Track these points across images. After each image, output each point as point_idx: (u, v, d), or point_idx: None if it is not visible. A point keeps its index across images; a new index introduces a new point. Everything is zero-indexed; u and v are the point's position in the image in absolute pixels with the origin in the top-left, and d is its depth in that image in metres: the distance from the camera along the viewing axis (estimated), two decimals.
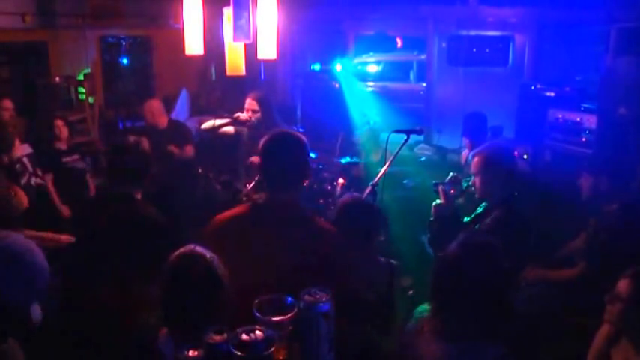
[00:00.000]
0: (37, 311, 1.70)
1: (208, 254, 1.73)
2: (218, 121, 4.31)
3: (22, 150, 4.28)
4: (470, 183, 3.00)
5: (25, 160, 4.23)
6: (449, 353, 1.66)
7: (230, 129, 4.29)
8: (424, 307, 1.88)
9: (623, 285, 2.11)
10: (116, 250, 2.39)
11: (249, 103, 4.10)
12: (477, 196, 2.95)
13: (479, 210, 2.99)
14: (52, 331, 2.12)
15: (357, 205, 2.76)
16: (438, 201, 2.98)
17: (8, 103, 5.10)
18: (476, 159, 2.89)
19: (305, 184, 2.07)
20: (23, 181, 4.10)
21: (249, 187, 4.02)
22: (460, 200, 3.21)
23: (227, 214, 2.04)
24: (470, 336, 1.65)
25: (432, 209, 2.95)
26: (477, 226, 2.89)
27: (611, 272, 2.23)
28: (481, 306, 1.65)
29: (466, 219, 3.03)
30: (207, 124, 4.41)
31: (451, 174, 3.14)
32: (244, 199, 4.08)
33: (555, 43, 7.28)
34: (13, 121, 5.04)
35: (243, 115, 4.10)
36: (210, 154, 5.01)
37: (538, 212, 3.20)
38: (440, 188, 3.02)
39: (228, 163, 4.49)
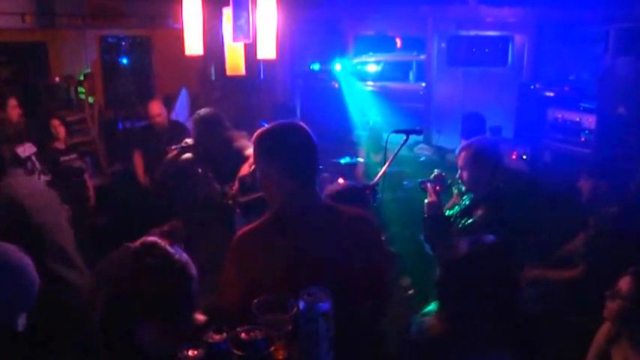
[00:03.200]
0: (22, 321, 1.70)
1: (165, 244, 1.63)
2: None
3: (29, 148, 4.28)
4: (456, 176, 3.06)
5: (34, 158, 4.23)
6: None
7: (189, 155, 4.39)
8: (430, 309, 1.87)
9: (624, 283, 2.12)
10: None
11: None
12: (464, 188, 3.04)
13: (463, 202, 3.04)
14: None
15: (349, 193, 2.72)
16: (428, 199, 3.02)
17: (15, 102, 5.15)
18: (463, 153, 2.98)
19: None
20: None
21: (234, 189, 4.07)
22: (456, 198, 3.24)
23: (254, 226, 1.85)
24: (480, 342, 1.64)
25: (425, 207, 3.01)
26: (464, 220, 2.93)
27: (610, 274, 2.24)
28: (491, 310, 1.64)
29: (449, 212, 3.08)
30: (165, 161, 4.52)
31: (435, 171, 3.19)
32: (230, 201, 4.13)
33: (555, 43, 7.28)
34: (20, 120, 5.09)
35: (189, 141, 4.28)
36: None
37: (537, 212, 3.21)
38: (428, 186, 3.07)
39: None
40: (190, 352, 1.29)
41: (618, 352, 2.17)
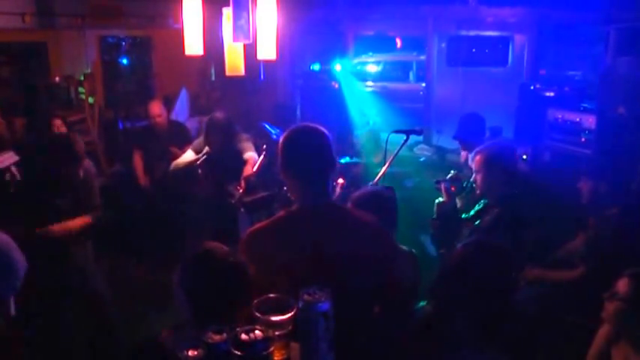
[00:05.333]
0: (11, 305, 1.72)
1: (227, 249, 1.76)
2: (186, 159, 4.50)
3: (9, 158, 4.20)
4: (471, 180, 3.03)
5: (13, 168, 4.15)
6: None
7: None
8: (421, 304, 1.86)
9: (622, 284, 2.11)
10: None
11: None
12: (477, 193, 3.00)
13: (478, 207, 3.02)
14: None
15: (376, 198, 2.63)
16: (441, 199, 3.00)
17: None
18: (478, 157, 2.95)
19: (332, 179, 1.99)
20: (13, 189, 4.04)
21: (241, 191, 4.09)
22: (459, 199, 3.22)
23: (265, 222, 1.93)
24: (472, 342, 1.63)
25: (435, 207, 2.99)
26: (476, 223, 2.92)
27: (610, 275, 2.23)
28: (486, 310, 1.63)
29: (464, 215, 3.06)
30: (178, 163, 4.56)
31: (452, 172, 3.17)
32: (234, 201, 4.14)
33: (555, 43, 7.29)
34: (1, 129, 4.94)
35: (207, 148, 4.32)
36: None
37: (537, 212, 3.20)
38: (442, 186, 3.05)
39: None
40: (190, 352, 1.29)
41: (618, 352, 2.16)
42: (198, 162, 4.36)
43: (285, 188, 4.47)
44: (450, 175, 3.14)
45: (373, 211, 2.49)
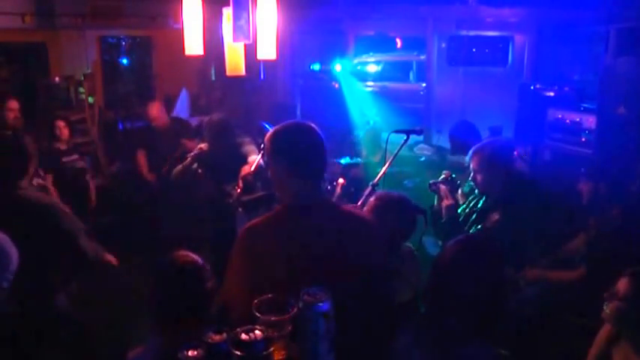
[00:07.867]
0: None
1: (200, 261, 1.86)
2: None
3: None
4: (469, 179, 3.04)
5: None
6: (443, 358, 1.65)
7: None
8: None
9: (622, 284, 2.12)
10: None
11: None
12: (478, 191, 3.01)
13: (478, 204, 3.02)
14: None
15: (400, 205, 2.63)
16: (446, 202, 3.01)
17: (14, 104, 5.04)
18: (476, 157, 2.94)
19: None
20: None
21: (239, 190, 4.09)
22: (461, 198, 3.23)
23: (262, 218, 1.92)
24: (465, 340, 1.63)
25: (444, 210, 2.99)
26: (478, 223, 2.92)
27: (611, 275, 2.23)
28: (477, 308, 1.63)
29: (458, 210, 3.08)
30: (177, 169, 4.54)
31: (444, 172, 3.17)
32: (231, 200, 4.15)
33: (555, 43, 7.28)
34: (16, 122, 5.02)
35: (204, 146, 4.32)
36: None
37: (537, 212, 3.21)
38: (442, 188, 3.05)
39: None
40: (190, 352, 1.30)
41: (619, 353, 2.16)
42: (192, 155, 4.37)
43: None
44: (442, 177, 3.15)
45: (394, 215, 2.52)
